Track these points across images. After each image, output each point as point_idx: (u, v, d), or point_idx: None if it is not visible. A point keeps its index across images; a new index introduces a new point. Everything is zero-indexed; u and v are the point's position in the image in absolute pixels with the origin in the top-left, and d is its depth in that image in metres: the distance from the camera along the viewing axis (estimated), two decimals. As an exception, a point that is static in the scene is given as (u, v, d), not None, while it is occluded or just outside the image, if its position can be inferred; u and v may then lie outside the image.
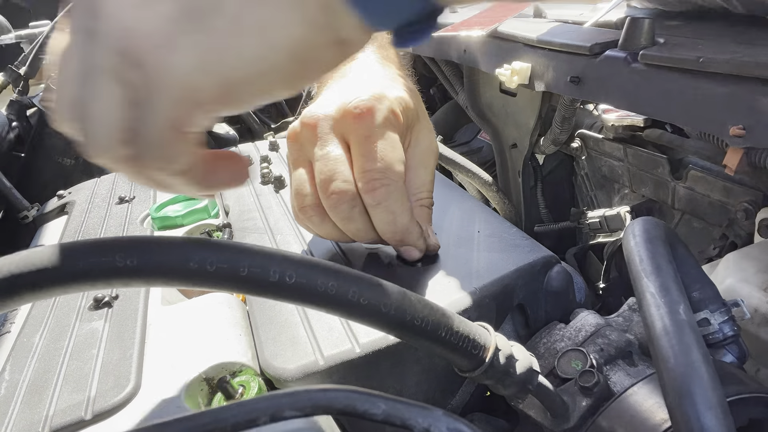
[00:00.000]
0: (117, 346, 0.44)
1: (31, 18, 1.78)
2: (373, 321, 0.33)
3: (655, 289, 0.37)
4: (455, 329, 0.35)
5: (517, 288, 0.49)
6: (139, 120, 0.28)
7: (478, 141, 1.31)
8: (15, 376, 0.43)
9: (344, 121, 0.49)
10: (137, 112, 0.28)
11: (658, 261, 0.38)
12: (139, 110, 0.28)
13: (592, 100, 0.76)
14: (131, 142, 0.29)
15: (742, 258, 0.61)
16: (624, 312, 0.50)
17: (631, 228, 0.42)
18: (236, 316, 0.48)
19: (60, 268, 0.28)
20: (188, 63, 0.27)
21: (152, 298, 0.51)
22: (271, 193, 0.70)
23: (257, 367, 0.42)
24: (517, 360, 0.38)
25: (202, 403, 0.40)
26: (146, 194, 0.74)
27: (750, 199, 0.70)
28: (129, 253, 0.28)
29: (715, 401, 0.32)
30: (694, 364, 0.33)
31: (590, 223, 0.89)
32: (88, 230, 0.68)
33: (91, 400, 0.39)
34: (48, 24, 1.30)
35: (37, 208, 0.92)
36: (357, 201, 0.48)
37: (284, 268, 0.30)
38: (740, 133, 0.55)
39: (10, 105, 1.21)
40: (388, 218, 0.48)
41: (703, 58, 0.60)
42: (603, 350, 0.44)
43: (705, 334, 0.43)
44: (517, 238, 0.55)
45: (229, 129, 1.29)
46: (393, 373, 0.43)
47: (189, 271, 0.29)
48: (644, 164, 0.86)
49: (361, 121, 0.49)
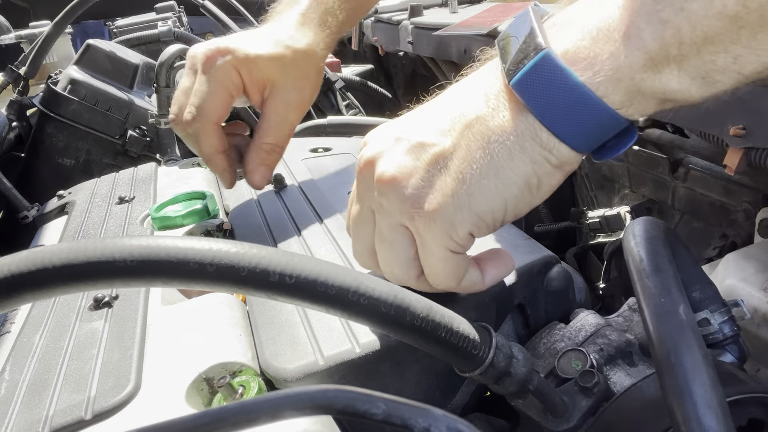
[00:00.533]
0: (117, 346, 0.44)
1: (31, 18, 1.78)
2: (373, 321, 0.33)
3: (655, 289, 0.37)
4: (455, 329, 0.35)
5: (517, 288, 0.49)
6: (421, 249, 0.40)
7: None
8: (15, 376, 0.43)
9: None
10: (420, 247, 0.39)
11: (658, 261, 0.38)
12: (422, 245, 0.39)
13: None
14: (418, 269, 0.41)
15: (742, 258, 0.61)
16: (624, 312, 0.50)
17: (631, 228, 0.42)
18: (236, 316, 0.48)
19: (60, 268, 0.28)
20: (450, 206, 0.37)
21: (152, 298, 0.51)
22: (271, 193, 0.70)
23: (257, 367, 0.42)
24: (517, 360, 0.38)
25: (202, 403, 0.40)
26: (146, 194, 0.74)
27: (750, 199, 0.70)
28: (129, 253, 0.28)
29: (715, 401, 0.32)
30: (694, 364, 0.33)
31: (590, 223, 0.89)
32: (88, 230, 0.68)
33: (91, 400, 0.39)
34: (48, 24, 1.30)
35: (37, 208, 0.92)
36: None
37: (284, 268, 0.30)
38: (740, 133, 0.55)
39: (10, 105, 1.20)
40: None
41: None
42: (603, 350, 0.44)
43: (705, 334, 0.43)
44: (517, 238, 0.55)
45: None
46: (393, 373, 0.43)
47: (189, 271, 0.29)
48: (644, 164, 0.86)
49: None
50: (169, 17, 1.81)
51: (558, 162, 0.36)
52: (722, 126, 0.57)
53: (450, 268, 0.40)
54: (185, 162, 0.87)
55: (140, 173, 0.82)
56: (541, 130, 0.35)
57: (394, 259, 0.41)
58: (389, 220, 0.40)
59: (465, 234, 0.38)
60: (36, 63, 1.24)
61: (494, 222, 0.38)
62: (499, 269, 0.44)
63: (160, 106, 0.97)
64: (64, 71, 1.18)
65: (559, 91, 0.33)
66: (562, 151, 0.36)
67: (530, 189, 0.37)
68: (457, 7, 1.38)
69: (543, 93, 0.34)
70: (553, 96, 0.34)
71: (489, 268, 0.43)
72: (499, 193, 0.37)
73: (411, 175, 0.38)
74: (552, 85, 0.34)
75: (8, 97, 1.23)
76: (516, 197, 0.37)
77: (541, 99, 0.34)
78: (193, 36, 1.64)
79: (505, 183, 0.36)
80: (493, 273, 0.43)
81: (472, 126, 0.37)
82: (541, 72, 0.34)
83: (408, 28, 1.28)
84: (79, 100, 1.13)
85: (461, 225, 0.37)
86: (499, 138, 0.36)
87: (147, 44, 1.56)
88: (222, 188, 0.77)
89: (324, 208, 0.64)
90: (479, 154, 0.36)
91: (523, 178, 0.36)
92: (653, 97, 0.33)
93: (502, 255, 0.44)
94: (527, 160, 0.36)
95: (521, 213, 0.39)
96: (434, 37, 1.15)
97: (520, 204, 0.38)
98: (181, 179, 0.78)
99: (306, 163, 0.79)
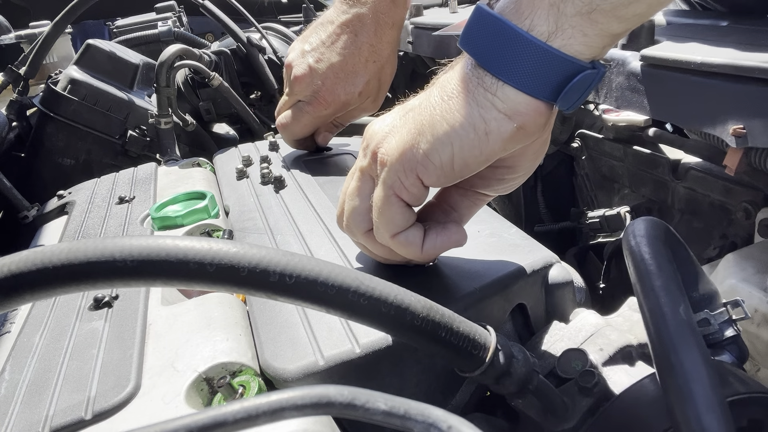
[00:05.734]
0: (117, 346, 0.44)
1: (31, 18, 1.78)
2: (373, 321, 0.33)
3: (655, 289, 0.37)
4: (455, 329, 0.35)
5: (517, 288, 0.49)
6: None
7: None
8: (15, 376, 0.43)
9: None
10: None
11: (658, 261, 0.38)
12: (376, 189, 0.43)
13: (592, 100, 0.76)
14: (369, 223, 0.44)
15: (742, 258, 0.61)
16: (624, 312, 0.50)
17: (631, 228, 0.42)
18: (236, 316, 0.48)
19: (60, 268, 0.28)
20: (405, 149, 0.40)
21: (152, 298, 0.51)
22: (270, 193, 0.70)
23: (257, 367, 0.42)
24: (517, 360, 0.38)
25: (201, 403, 0.40)
26: (146, 194, 0.74)
27: (750, 199, 0.70)
28: (129, 253, 0.28)
29: (715, 401, 0.32)
30: (694, 364, 0.33)
31: (590, 223, 0.90)
32: (88, 230, 0.68)
33: (91, 400, 0.39)
34: (48, 24, 1.30)
35: (37, 208, 0.92)
36: None
37: (284, 268, 0.30)
38: (740, 133, 0.55)
39: (10, 105, 1.20)
40: None
41: (703, 59, 0.60)
42: (603, 350, 0.43)
43: (705, 334, 0.43)
44: (517, 238, 0.55)
45: (229, 129, 1.29)
46: (393, 373, 0.43)
47: (189, 271, 0.29)
48: (644, 164, 0.86)
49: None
50: (169, 17, 1.81)
51: (506, 108, 0.38)
52: (722, 126, 0.57)
53: (390, 213, 0.42)
54: (185, 162, 0.87)
55: (140, 173, 0.82)
56: (485, 74, 0.38)
57: (353, 208, 0.45)
58: (361, 169, 0.44)
59: (414, 177, 0.40)
60: (36, 63, 1.24)
61: (441, 165, 0.40)
62: (441, 239, 0.44)
63: (160, 106, 0.97)
64: (64, 71, 1.18)
65: (491, 35, 0.37)
66: (507, 93, 0.37)
67: (477, 133, 0.38)
68: (457, 7, 1.38)
69: (479, 40, 0.38)
70: (488, 41, 0.37)
71: (432, 234, 0.44)
72: (447, 134, 0.39)
73: (391, 129, 0.42)
74: (484, 30, 0.38)
75: (8, 97, 1.23)
76: (462, 140, 0.39)
77: (479, 45, 0.38)
78: (193, 36, 1.64)
79: (453, 125, 0.38)
80: (434, 240, 0.44)
81: (435, 88, 0.41)
82: (477, 23, 0.38)
83: (408, 28, 1.28)
84: (79, 100, 1.13)
85: (410, 167, 0.40)
86: (452, 86, 0.39)
87: (147, 44, 1.56)
88: (222, 188, 0.77)
89: (324, 208, 0.64)
90: (436, 100, 0.40)
91: (469, 119, 0.38)
92: (581, 17, 0.35)
93: (450, 227, 0.45)
94: (474, 103, 0.38)
95: (469, 161, 0.39)
96: (434, 37, 1.15)
97: (467, 148, 0.39)
98: (181, 179, 0.78)
99: (306, 163, 0.79)
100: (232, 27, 1.24)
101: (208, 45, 1.46)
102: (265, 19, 1.75)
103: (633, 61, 0.68)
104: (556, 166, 1.07)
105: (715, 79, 0.59)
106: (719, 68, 0.58)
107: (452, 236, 0.45)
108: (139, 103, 1.18)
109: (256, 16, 1.35)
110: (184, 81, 1.17)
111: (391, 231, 0.43)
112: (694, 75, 0.61)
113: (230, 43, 1.26)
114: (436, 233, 0.44)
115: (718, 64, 0.58)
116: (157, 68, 0.95)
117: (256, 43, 1.25)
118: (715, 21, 0.83)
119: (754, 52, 0.58)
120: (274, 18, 2.18)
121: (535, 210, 1.09)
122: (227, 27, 1.24)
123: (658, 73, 0.65)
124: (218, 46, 1.29)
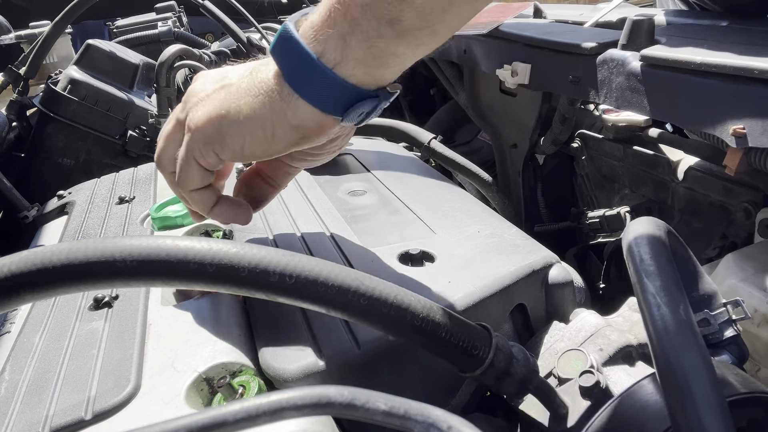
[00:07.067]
0: (117, 346, 0.44)
1: (31, 18, 1.78)
2: (373, 321, 0.33)
3: (655, 289, 0.37)
4: (455, 329, 0.35)
5: (517, 288, 0.49)
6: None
7: (478, 141, 1.31)
8: (15, 376, 0.43)
9: None
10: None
11: (658, 261, 0.38)
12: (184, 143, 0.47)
13: (592, 100, 0.76)
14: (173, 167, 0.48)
15: (742, 258, 0.61)
16: (624, 312, 0.50)
17: (631, 228, 0.42)
18: (236, 316, 0.48)
19: (60, 268, 0.28)
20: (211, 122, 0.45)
21: (152, 298, 0.51)
22: (271, 193, 0.70)
23: (257, 367, 0.42)
24: (517, 360, 0.38)
25: (201, 403, 0.40)
26: (146, 194, 0.74)
27: (750, 199, 0.70)
28: (129, 253, 0.28)
29: (715, 401, 0.32)
30: (694, 364, 0.33)
31: (590, 223, 0.89)
32: (88, 230, 0.68)
33: (91, 400, 0.39)
34: (48, 24, 1.30)
35: (37, 208, 0.92)
36: None
37: (284, 268, 0.30)
38: (740, 133, 0.55)
39: (10, 105, 1.20)
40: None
41: (703, 59, 0.60)
42: (603, 350, 0.43)
43: (705, 334, 0.43)
44: (517, 238, 0.55)
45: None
46: (393, 373, 0.43)
47: (189, 271, 0.29)
48: (644, 164, 0.86)
49: None
50: (169, 17, 1.82)
51: (295, 120, 0.42)
52: (722, 126, 0.57)
53: (188, 172, 0.47)
54: (185, 162, 0.87)
55: (140, 173, 0.82)
56: (285, 84, 0.42)
57: (163, 149, 0.49)
58: (177, 119, 0.48)
59: (211, 151, 0.45)
60: (36, 63, 1.24)
61: (234, 150, 0.45)
62: (228, 212, 0.50)
63: (160, 106, 0.97)
64: (64, 71, 1.18)
65: (291, 54, 0.42)
66: (299, 106, 0.42)
67: (265, 135, 0.43)
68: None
69: (282, 56, 0.42)
70: (289, 58, 0.42)
71: (224, 204, 0.50)
72: (242, 127, 0.44)
73: (205, 96, 0.46)
74: (287, 47, 0.42)
75: (8, 97, 1.23)
76: (252, 136, 0.44)
77: (282, 61, 0.42)
78: (193, 36, 1.64)
79: (248, 122, 0.43)
80: (221, 209, 0.50)
81: (252, 74, 0.45)
82: (282, 40, 0.42)
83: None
84: (79, 100, 1.13)
85: (209, 142, 0.45)
86: (258, 85, 0.43)
87: (147, 44, 1.56)
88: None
89: (324, 208, 0.64)
90: (243, 93, 0.44)
91: (260, 121, 0.43)
92: (363, 51, 0.40)
93: (241, 207, 0.50)
94: (269, 107, 0.43)
95: (257, 154, 0.45)
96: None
97: (255, 144, 0.44)
98: (181, 179, 0.78)
99: (306, 163, 0.79)
100: (232, 27, 1.24)
101: (208, 45, 1.46)
102: (265, 19, 1.75)
103: (633, 61, 0.68)
104: (556, 166, 1.07)
105: (715, 80, 0.59)
106: (719, 68, 0.58)
107: (238, 215, 0.50)
108: (139, 103, 1.18)
109: (256, 16, 1.35)
110: (184, 81, 1.17)
111: (186, 187, 0.48)
112: (694, 75, 0.61)
113: (230, 44, 1.26)
114: (227, 206, 0.50)
115: (718, 64, 0.58)
116: (157, 68, 0.95)
117: (256, 43, 1.25)
118: (715, 21, 0.83)
119: (753, 52, 0.58)
120: (274, 18, 2.18)
121: (535, 210, 1.08)
122: (227, 27, 1.25)
123: (658, 73, 0.65)
124: (218, 46, 1.29)
